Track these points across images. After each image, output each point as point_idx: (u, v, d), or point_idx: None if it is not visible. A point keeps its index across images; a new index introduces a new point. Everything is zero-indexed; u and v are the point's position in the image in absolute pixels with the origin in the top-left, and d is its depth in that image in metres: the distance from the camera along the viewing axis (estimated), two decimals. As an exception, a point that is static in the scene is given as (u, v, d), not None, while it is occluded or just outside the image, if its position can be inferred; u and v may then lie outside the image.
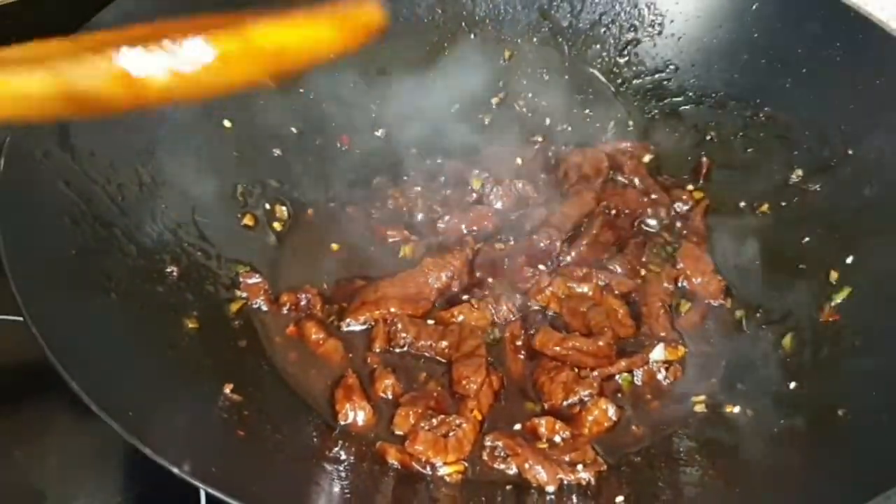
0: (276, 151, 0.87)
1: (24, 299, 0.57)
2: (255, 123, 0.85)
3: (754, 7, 0.87)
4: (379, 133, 0.92)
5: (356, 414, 0.67)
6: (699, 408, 0.70)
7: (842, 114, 0.80)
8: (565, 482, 0.65)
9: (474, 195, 0.87)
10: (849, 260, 0.73)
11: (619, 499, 0.62)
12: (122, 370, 0.59)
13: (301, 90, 0.89)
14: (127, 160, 0.74)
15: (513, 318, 0.76)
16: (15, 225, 0.61)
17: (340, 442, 0.65)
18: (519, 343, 0.74)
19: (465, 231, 0.83)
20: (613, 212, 0.84)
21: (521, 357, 0.74)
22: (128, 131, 0.75)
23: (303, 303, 0.76)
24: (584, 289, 0.77)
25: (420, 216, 0.85)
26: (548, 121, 0.94)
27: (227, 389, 0.64)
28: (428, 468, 0.64)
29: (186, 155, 0.79)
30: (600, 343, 0.71)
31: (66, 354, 0.55)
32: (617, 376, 0.72)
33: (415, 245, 0.82)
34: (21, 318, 0.72)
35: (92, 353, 0.58)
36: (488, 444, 0.66)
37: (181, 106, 0.80)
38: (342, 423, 0.67)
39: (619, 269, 0.79)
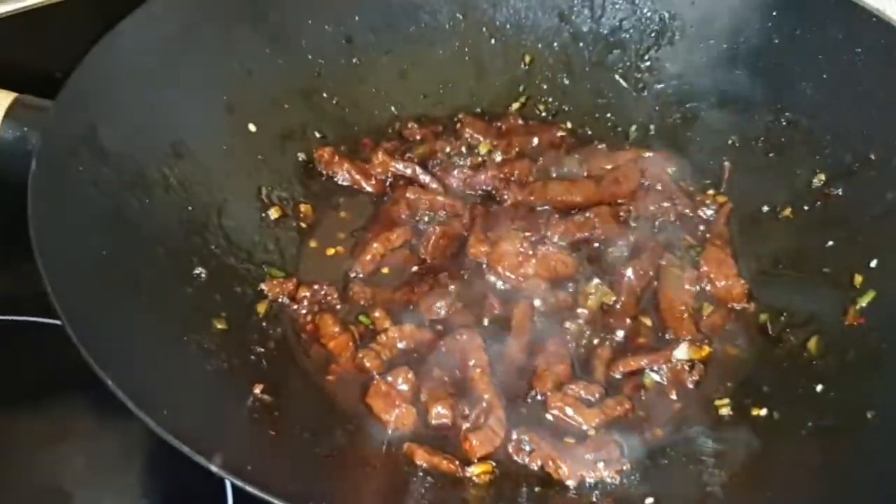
0: (301, 156, 0.87)
1: (59, 301, 0.58)
2: (278, 127, 0.86)
3: (774, 13, 0.87)
4: (400, 137, 0.93)
5: (404, 417, 0.67)
6: (724, 410, 0.70)
7: (863, 118, 0.80)
8: (587, 479, 0.65)
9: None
10: (872, 264, 0.73)
11: (649, 501, 0.62)
12: (155, 370, 0.60)
13: (324, 94, 0.90)
14: (154, 163, 0.75)
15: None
16: (47, 227, 0.62)
17: (368, 443, 0.66)
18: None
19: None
20: (634, 213, 0.85)
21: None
22: (155, 134, 0.76)
23: (321, 293, 0.76)
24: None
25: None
26: (569, 124, 0.94)
27: (258, 390, 0.65)
28: (458, 468, 0.64)
29: (212, 158, 0.80)
30: None
31: (102, 356, 0.55)
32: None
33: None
34: (44, 320, 0.74)
35: (126, 354, 0.58)
36: (515, 437, 0.66)
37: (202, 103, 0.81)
38: (391, 430, 0.67)
39: (631, 274, 0.79)
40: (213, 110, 0.82)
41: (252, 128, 0.84)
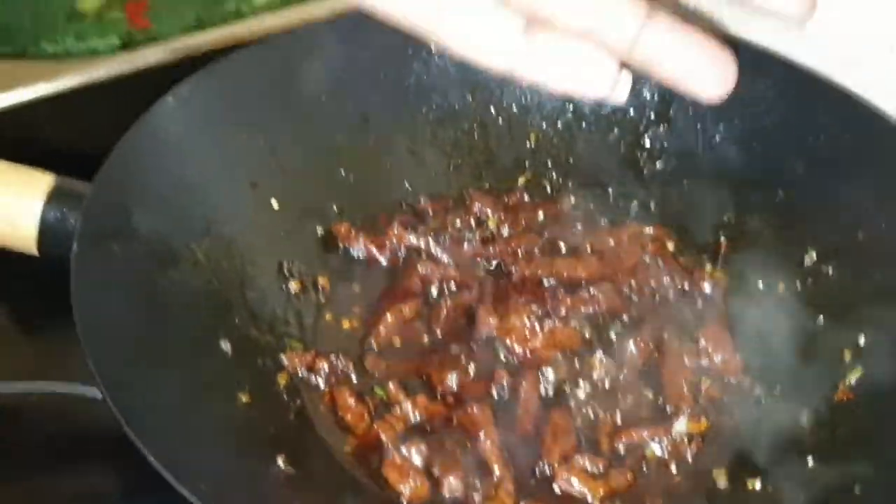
0: (319, 229, 0.92)
1: (99, 374, 0.62)
2: (299, 202, 0.91)
3: (768, 96, 0.93)
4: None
5: (418, 489, 0.71)
6: (721, 482, 0.73)
7: (850, 200, 0.85)
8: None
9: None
10: (861, 341, 0.78)
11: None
12: (188, 443, 0.64)
13: (342, 171, 0.95)
14: (183, 240, 0.79)
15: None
16: (88, 307, 0.67)
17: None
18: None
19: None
20: (635, 288, 0.89)
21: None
22: (184, 213, 0.81)
23: (338, 365, 0.80)
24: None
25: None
26: (573, 199, 0.99)
27: (280, 461, 0.68)
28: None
29: (236, 234, 0.84)
30: None
31: (141, 429, 0.59)
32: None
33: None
34: (78, 390, 0.78)
35: (162, 428, 0.62)
36: (523, 510, 0.70)
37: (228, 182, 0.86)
38: (406, 502, 0.71)
39: (633, 349, 0.83)
40: (238, 188, 0.86)
41: (274, 204, 0.89)
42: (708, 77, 0.47)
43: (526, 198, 0.99)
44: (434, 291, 0.89)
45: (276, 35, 0.96)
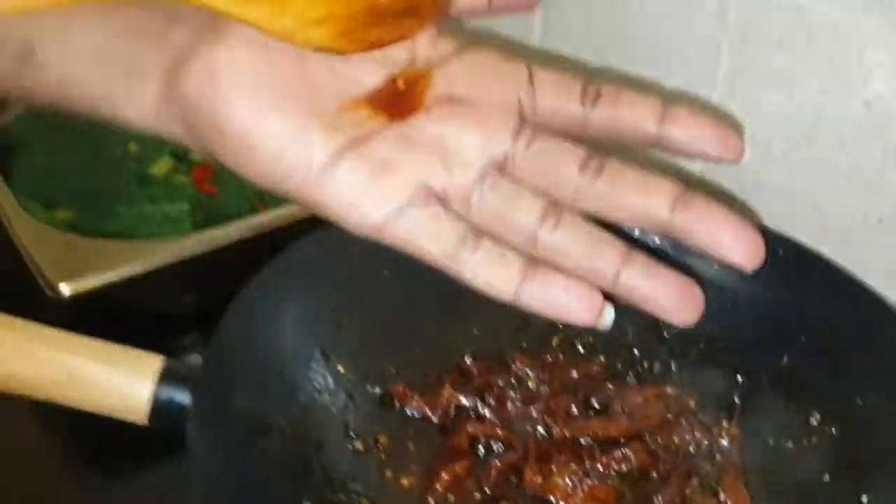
0: (377, 390, 1.04)
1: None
2: (361, 366, 1.03)
3: (765, 269, 1.05)
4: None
5: None
6: None
7: (847, 370, 0.97)
8: None
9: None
10: (864, 499, 0.89)
11: None
12: None
13: (398, 335, 1.07)
14: (271, 411, 0.91)
15: None
16: (201, 475, 0.78)
17: None
18: None
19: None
20: (662, 445, 1.00)
21: None
22: (272, 387, 0.93)
23: None
24: None
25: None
26: (602, 358, 1.11)
27: None
28: None
29: (311, 401, 0.97)
30: None
31: None
32: None
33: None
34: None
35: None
36: None
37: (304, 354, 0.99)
38: None
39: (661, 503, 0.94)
40: (313, 360, 0.99)
41: (341, 369, 1.01)
42: (677, 309, 0.60)
43: (561, 356, 1.11)
44: (482, 449, 1.00)
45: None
